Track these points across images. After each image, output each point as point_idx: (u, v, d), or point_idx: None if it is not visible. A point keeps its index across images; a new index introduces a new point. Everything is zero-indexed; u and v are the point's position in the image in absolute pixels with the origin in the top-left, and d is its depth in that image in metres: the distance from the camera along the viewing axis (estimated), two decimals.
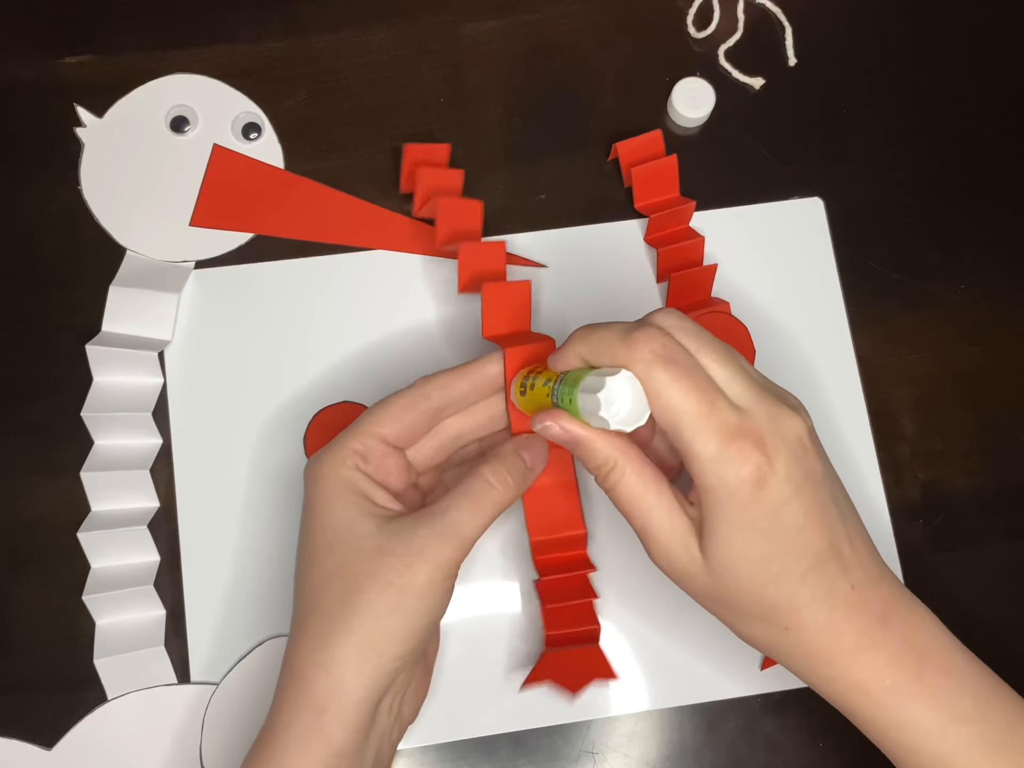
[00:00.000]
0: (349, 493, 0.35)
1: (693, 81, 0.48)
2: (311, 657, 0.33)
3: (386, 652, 0.33)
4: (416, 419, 0.37)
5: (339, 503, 0.35)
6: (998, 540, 0.45)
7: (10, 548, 0.43)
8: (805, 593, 0.32)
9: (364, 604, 0.33)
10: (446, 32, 0.50)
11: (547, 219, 0.47)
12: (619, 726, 0.42)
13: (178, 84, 0.48)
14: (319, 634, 0.33)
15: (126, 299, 0.44)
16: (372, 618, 0.33)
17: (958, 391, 0.46)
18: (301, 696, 0.33)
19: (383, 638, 0.33)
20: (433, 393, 0.37)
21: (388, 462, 0.36)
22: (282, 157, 0.48)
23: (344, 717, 0.33)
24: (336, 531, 0.34)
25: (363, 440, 0.36)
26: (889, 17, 0.51)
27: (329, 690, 0.33)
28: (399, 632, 0.33)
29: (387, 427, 0.36)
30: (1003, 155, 0.49)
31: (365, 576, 0.33)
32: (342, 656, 0.33)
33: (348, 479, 0.35)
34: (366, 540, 0.34)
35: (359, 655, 0.33)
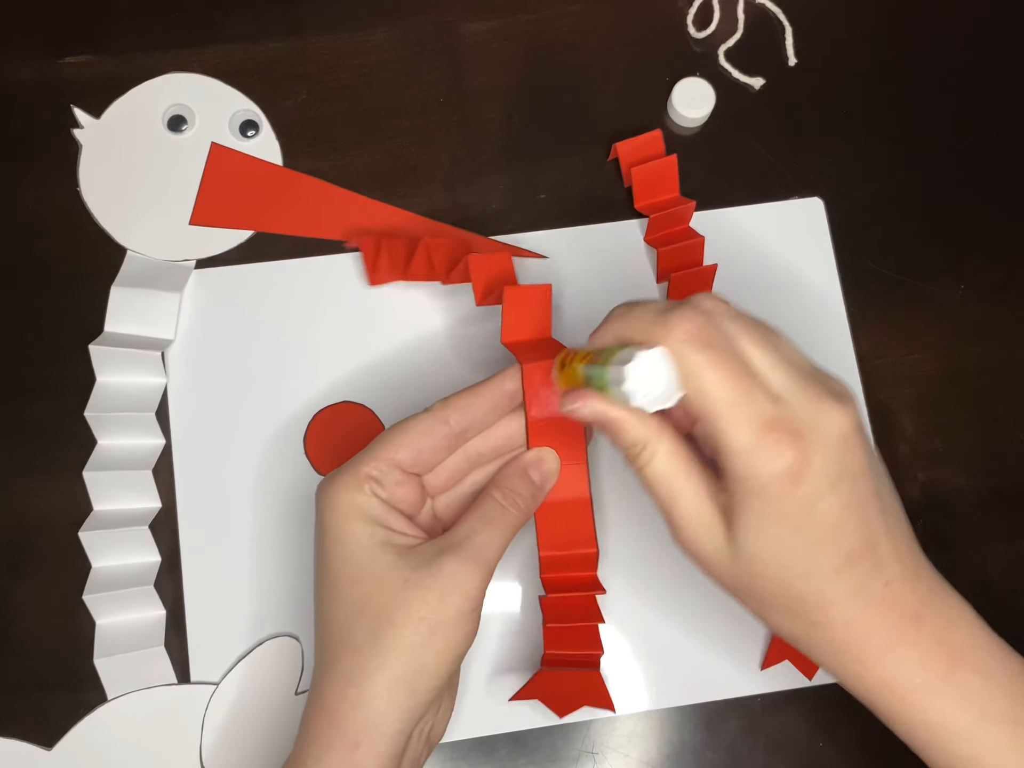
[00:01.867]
0: (366, 521, 0.34)
1: (693, 81, 0.48)
2: (343, 692, 0.33)
3: (420, 687, 0.33)
4: (435, 445, 0.36)
5: (357, 532, 0.34)
6: (998, 540, 0.45)
7: (10, 548, 0.43)
8: (835, 590, 0.31)
9: (397, 639, 0.32)
10: (446, 32, 0.50)
11: (547, 219, 0.47)
12: (619, 726, 0.42)
13: (175, 83, 0.48)
14: (351, 669, 0.33)
15: (128, 299, 0.44)
16: (406, 653, 0.32)
17: (958, 391, 0.46)
18: (334, 731, 0.33)
19: (417, 673, 0.33)
20: (452, 417, 0.36)
21: (403, 488, 0.35)
22: (280, 154, 0.48)
23: (378, 751, 0.32)
24: (358, 562, 0.34)
25: (377, 466, 0.35)
26: (889, 17, 0.51)
27: (363, 725, 0.32)
28: (432, 666, 0.33)
29: (403, 453, 0.35)
30: (1003, 155, 0.49)
31: (395, 610, 0.33)
32: (376, 692, 0.32)
33: (364, 506, 0.34)
34: (391, 572, 0.33)
35: (393, 690, 0.32)
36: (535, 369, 0.37)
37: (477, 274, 0.40)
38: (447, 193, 0.48)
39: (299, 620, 0.42)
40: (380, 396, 0.44)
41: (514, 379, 0.37)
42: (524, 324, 0.38)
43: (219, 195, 0.47)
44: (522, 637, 0.43)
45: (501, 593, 0.43)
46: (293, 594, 0.42)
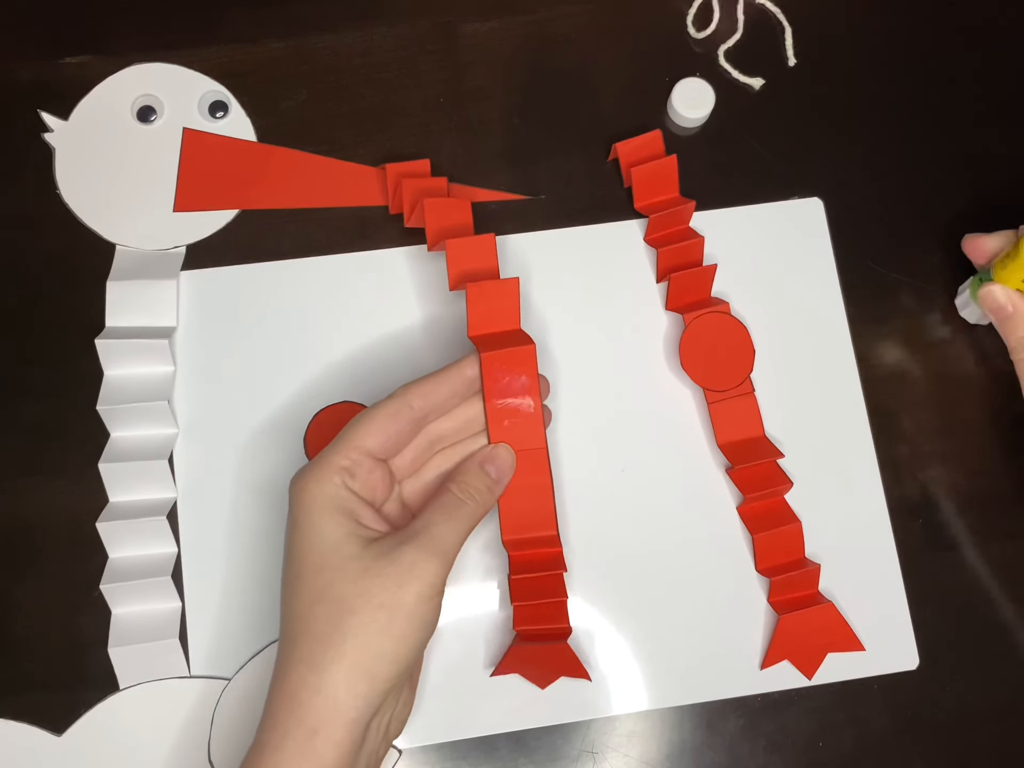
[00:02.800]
0: (336, 513, 0.35)
1: (693, 81, 0.48)
2: (303, 679, 0.33)
3: (378, 673, 0.33)
4: (400, 429, 0.37)
5: (325, 524, 0.35)
6: (998, 540, 0.45)
7: (11, 547, 0.43)
8: None
9: (356, 626, 0.33)
10: (446, 32, 0.50)
11: (547, 219, 0.47)
12: (619, 726, 0.42)
13: (139, 75, 0.48)
14: (311, 656, 0.33)
15: (125, 292, 0.45)
16: (364, 640, 0.33)
17: (958, 391, 0.46)
18: (293, 717, 0.33)
19: (375, 659, 0.33)
20: (415, 401, 0.37)
21: (375, 476, 0.37)
22: (253, 130, 0.48)
23: (337, 738, 0.33)
24: (323, 552, 0.35)
25: (349, 455, 0.36)
26: (889, 17, 0.51)
27: (321, 712, 0.33)
28: (391, 653, 0.33)
29: (372, 440, 0.36)
30: (1003, 155, 0.49)
31: (355, 597, 0.33)
32: (335, 678, 0.33)
33: (335, 498, 0.35)
34: (353, 562, 0.34)
35: (351, 677, 0.33)
36: (493, 358, 0.38)
37: (454, 258, 0.41)
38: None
39: None
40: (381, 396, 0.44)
41: (474, 366, 0.38)
42: (491, 317, 0.39)
43: (198, 179, 0.47)
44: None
45: (497, 595, 0.43)
46: None
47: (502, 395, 0.39)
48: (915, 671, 0.43)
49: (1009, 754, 0.42)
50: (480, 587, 0.43)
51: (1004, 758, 0.42)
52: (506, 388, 0.39)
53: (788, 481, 0.43)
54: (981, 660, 0.43)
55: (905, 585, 0.43)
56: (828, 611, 0.42)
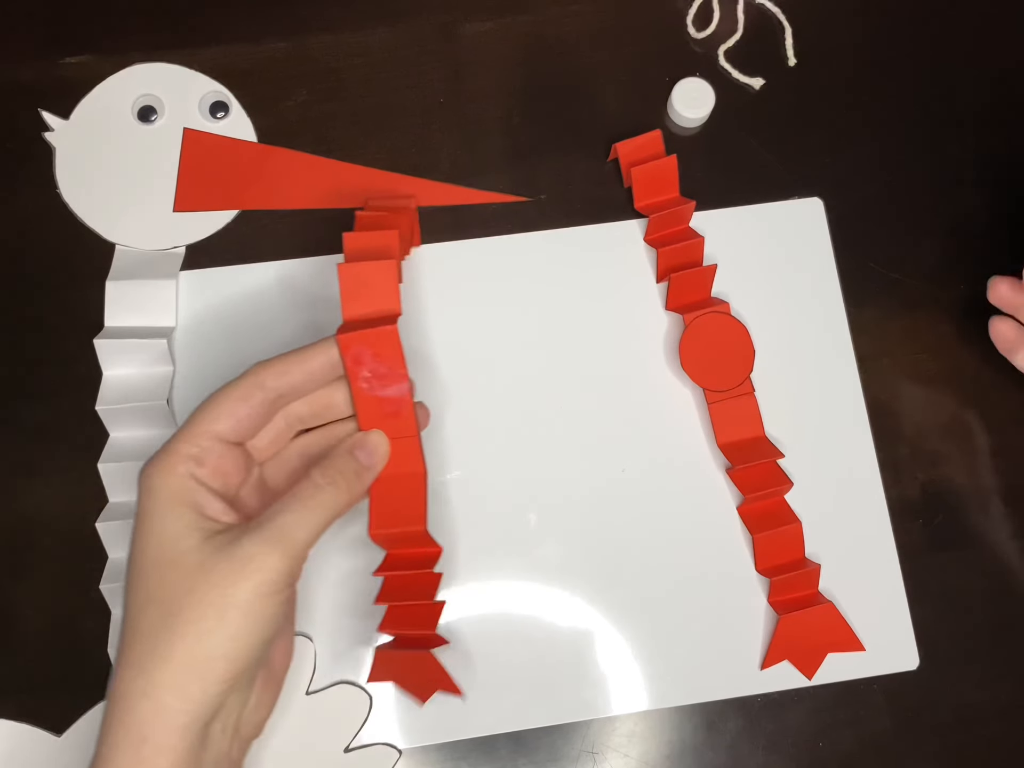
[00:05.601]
0: (178, 505, 0.33)
1: (693, 81, 0.48)
2: (131, 683, 0.31)
3: (210, 675, 0.31)
4: (252, 411, 0.35)
5: (167, 516, 0.33)
6: (998, 540, 0.45)
7: (11, 548, 0.43)
8: None
9: (185, 626, 0.31)
10: (446, 32, 0.50)
11: (547, 219, 0.47)
12: (619, 726, 0.42)
13: (139, 75, 0.48)
14: (139, 659, 0.31)
15: (124, 292, 0.45)
16: (193, 640, 0.31)
17: (958, 391, 0.46)
18: (122, 725, 0.31)
19: (206, 661, 0.31)
20: (268, 381, 0.35)
21: (226, 461, 0.34)
22: (253, 130, 0.48)
23: (167, 744, 0.31)
24: (160, 547, 0.32)
25: (197, 442, 0.34)
26: (889, 17, 0.51)
27: (150, 718, 0.31)
28: (224, 653, 0.31)
29: (222, 423, 0.34)
30: (1003, 154, 0.49)
31: (185, 595, 0.31)
32: (162, 681, 0.31)
33: (179, 489, 0.33)
34: (188, 556, 0.32)
35: (181, 680, 0.31)
36: (351, 339, 0.35)
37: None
38: None
39: (311, 619, 0.42)
40: None
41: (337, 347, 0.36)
42: (366, 303, 0.36)
43: (199, 179, 0.47)
44: (520, 639, 0.43)
45: (497, 595, 0.43)
46: (304, 593, 0.42)
47: (368, 380, 0.36)
48: (915, 671, 0.43)
49: (1009, 754, 0.42)
50: (477, 586, 0.43)
51: (1004, 758, 0.42)
52: (372, 372, 0.36)
53: (788, 481, 0.43)
54: (981, 660, 0.43)
55: (905, 585, 0.43)
56: (828, 611, 0.42)
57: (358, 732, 0.41)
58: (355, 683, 0.41)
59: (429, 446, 0.44)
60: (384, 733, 0.41)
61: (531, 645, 0.42)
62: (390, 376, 0.36)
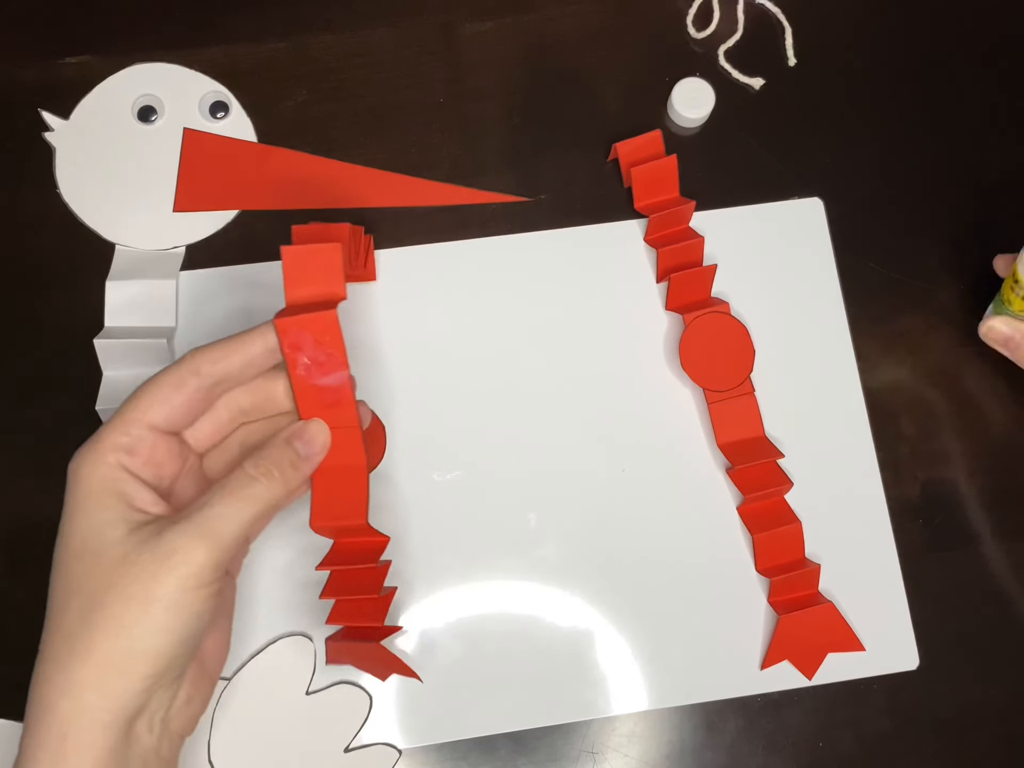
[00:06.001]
0: (106, 495, 0.32)
1: (693, 81, 0.48)
2: (51, 680, 0.31)
3: (133, 671, 0.30)
4: (187, 399, 0.33)
5: (92, 507, 0.32)
6: (998, 540, 0.45)
7: (11, 548, 0.43)
8: None
9: (106, 620, 0.30)
10: (446, 32, 0.50)
11: (547, 219, 0.47)
12: (619, 726, 0.42)
13: (139, 75, 0.48)
14: (60, 655, 0.31)
15: (124, 292, 0.45)
16: (115, 635, 0.30)
17: (958, 391, 0.46)
18: (43, 723, 0.30)
19: (128, 656, 0.30)
20: (203, 368, 0.33)
21: (159, 451, 0.33)
22: (253, 130, 0.48)
23: (89, 742, 0.30)
24: (85, 539, 0.31)
25: (127, 430, 0.32)
26: (889, 17, 0.51)
27: (71, 715, 0.30)
28: (146, 649, 0.30)
29: (154, 412, 0.33)
30: (1003, 155, 0.49)
31: (106, 589, 0.30)
32: (83, 678, 0.30)
33: (107, 479, 0.32)
34: (112, 548, 0.31)
35: (101, 676, 0.30)
36: (289, 324, 0.34)
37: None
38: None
39: (312, 619, 0.42)
40: (381, 396, 0.44)
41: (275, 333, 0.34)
42: (310, 287, 0.35)
43: (199, 179, 0.47)
44: (520, 638, 0.43)
45: (495, 594, 0.43)
46: (306, 592, 0.42)
47: (306, 367, 0.34)
48: (915, 671, 0.43)
49: (1009, 754, 0.42)
50: (476, 586, 0.43)
51: (1004, 758, 0.42)
52: (311, 359, 0.34)
53: (788, 481, 0.43)
54: (981, 660, 0.43)
55: (905, 585, 0.43)
56: (828, 611, 0.42)
57: (358, 732, 0.41)
58: (355, 683, 0.41)
59: (429, 445, 0.44)
60: (384, 733, 0.41)
61: (531, 645, 0.42)
62: (329, 364, 0.34)
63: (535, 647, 0.42)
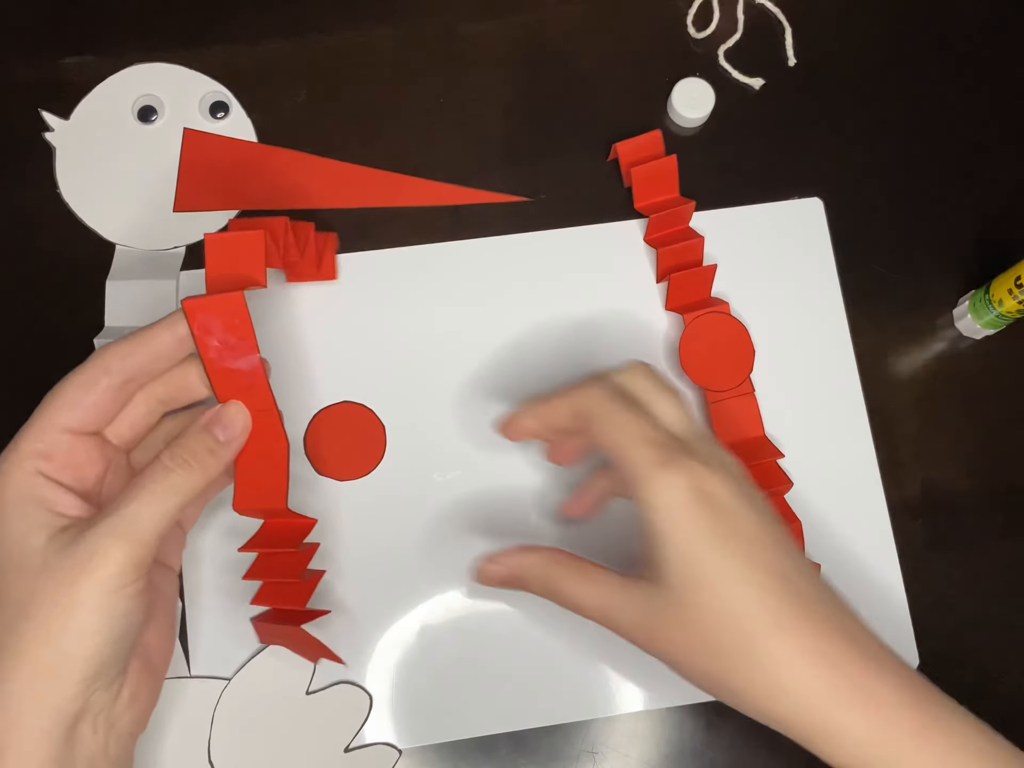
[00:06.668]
0: (24, 503, 0.32)
1: (693, 81, 0.48)
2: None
3: (65, 677, 0.30)
4: (100, 399, 0.33)
5: (12, 517, 0.31)
6: (997, 540, 0.45)
7: None
8: (763, 617, 0.31)
9: (32, 629, 0.30)
10: (446, 32, 0.50)
11: (547, 219, 0.47)
12: (619, 726, 0.42)
13: (139, 75, 0.48)
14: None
15: (124, 292, 0.45)
16: (42, 643, 0.30)
17: (958, 391, 0.46)
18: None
19: (58, 663, 0.30)
20: (113, 365, 0.33)
21: (77, 453, 0.33)
22: (253, 130, 0.48)
23: (28, 751, 0.30)
24: (9, 550, 0.31)
25: (41, 436, 0.32)
26: (889, 17, 0.51)
27: (6, 727, 0.30)
28: (76, 653, 0.30)
29: (67, 415, 0.33)
30: (1003, 155, 0.49)
31: (30, 598, 0.30)
32: (14, 690, 0.30)
33: (24, 486, 0.32)
34: (33, 556, 0.31)
35: (33, 686, 0.30)
36: (197, 307, 0.33)
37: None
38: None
39: None
40: (381, 395, 0.44)
41: (185, 323, 0.34)
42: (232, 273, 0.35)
43: (199, 179, 0.47)
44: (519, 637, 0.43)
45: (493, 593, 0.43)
46: None
47: (217, 350, 0.34)
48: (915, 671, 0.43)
49: None
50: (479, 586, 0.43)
51: None
52: (222, 343, 0.34)
53: (788, 481, 0.43)
54: (981, 660, 0.43)
55: (905, 585, 0.43)
56: None
57: (358, 732, 0.41)
58: (355, 683, 0.41)
59: (430, 445, 0.44)
60: (384, 733, 0.41)
61: (531, 645, 0.42)
62: (240, 347, 0.34)
63: (535, 647, 0.42)
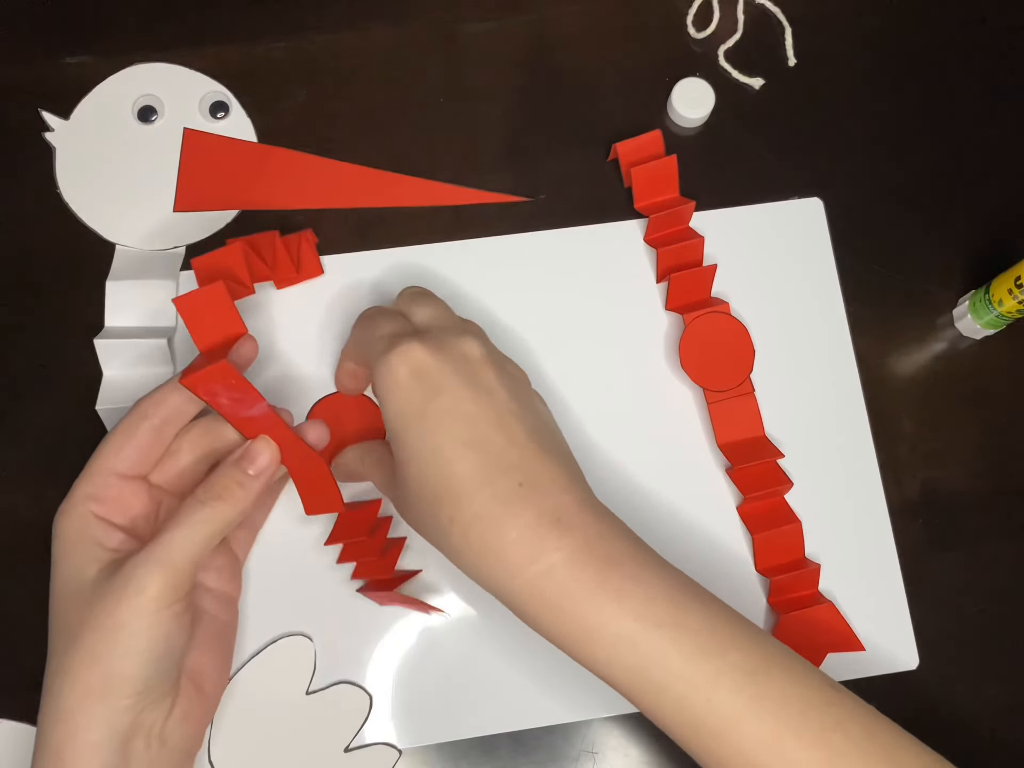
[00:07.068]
0: (79, 542, 0.36)
1: (693, 81, 0.48)
2: (47, 709, 0.34)
3: (112, 695, 0.33)
4: (141, 443, 0.37)
5: (70, 554, 0.36)
6: (998, 540, 0.45)
7: (11, 549, 0.43)
8: (462, 481, 0.33)
9: (82, 652, 0.34)
10: (446, 32, 0.50)
11: (547, 219, 0.47)
12: (619, 726, 0.42)
13: (139, 75, 0.48)
14: (50, 687, 0.34)
15: (124, 292, 0.45)
16: (90, 664, 0.33)
17: (958, 391, 0.46)
18: (44, 749, 0.34)
19: (106, 681, 0.33)
20: (149, 411, 0.37)
21: (126, 496, 0.37)
22: (253, 130, 0.48)
23: (83, 762, 0.33)
24: (66, 583, 0.35)
25: (93, 480, 0.36)
26: (889, 17, 0.51)
27: (63, 740, 0.33)
28: (122, 672, 0.33)
29: (114, 460, 0.36)
30: (1004, 155, 0.49)
31: (81, 623, 0.34)
32: (70, 707, 0.33)
33: (80, 526, 0.36)
34: (85, 587, 0.35)
35: (86, 702, 0.33)
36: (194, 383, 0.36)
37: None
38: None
39: (312, 619, 0.42)
40: None
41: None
42: (212, 329, 0.38)
43: (199, 179, 0.47)
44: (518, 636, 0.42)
45: None
46: (306, 593, 0.42)
47: (228, 406, 0.37)
48: (915, 671, 0.43)
49: (1009, 754, 0.42)
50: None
51: (1004, 758, 0.42)
52: (229, 400, 0.36)
53: (788, 481, 0.43)
54: (981, 660, 0.43)
55: (905, 585, 0.43)
56: (828, 611, 0.42)
57: (358, 732, 0.41)
58: (355, 683, 0.42)
59: None
60: (384, 733, 0.41)
61: (531, 644, 0.42)
62: (246, 400, 0.37)
63: (535, 647, 0.42)
